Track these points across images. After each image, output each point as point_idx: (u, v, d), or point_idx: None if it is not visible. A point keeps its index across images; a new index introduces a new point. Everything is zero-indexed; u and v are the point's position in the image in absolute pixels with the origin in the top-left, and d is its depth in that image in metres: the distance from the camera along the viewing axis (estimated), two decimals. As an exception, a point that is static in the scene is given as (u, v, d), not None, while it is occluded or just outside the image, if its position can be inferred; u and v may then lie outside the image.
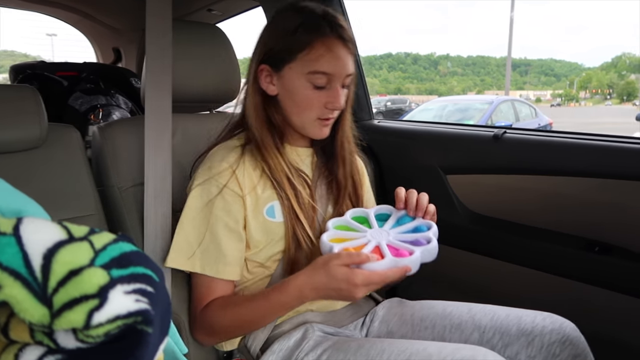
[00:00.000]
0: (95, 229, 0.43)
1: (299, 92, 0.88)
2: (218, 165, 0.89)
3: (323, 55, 0.85)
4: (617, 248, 1.12)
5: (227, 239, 0.87)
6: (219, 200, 0.87)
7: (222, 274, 0.87)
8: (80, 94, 1.69)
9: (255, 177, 0.90)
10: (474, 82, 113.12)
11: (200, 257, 0.87)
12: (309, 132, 0.93)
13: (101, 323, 0.37)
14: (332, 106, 0.89)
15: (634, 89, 57.75)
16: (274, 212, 0.90)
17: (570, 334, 0.83)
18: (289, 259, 0.90)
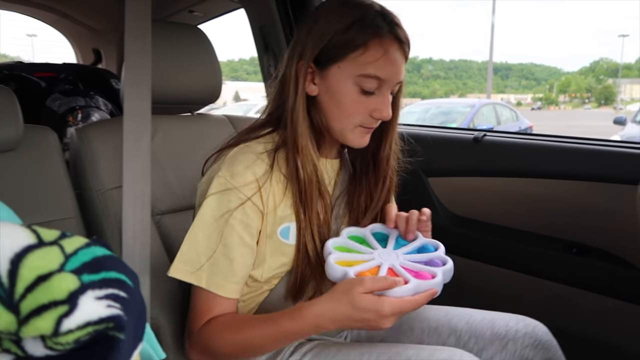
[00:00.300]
0: (67, 233, 0.42)
1: (344, 95, 0.79)
2: (242, 175, 0.79)
3: (378, 59, 0.76)
4: (594, 249, 1.14)
5: (240, 255, 0.79)
6: (239, 212, 0.78)
7: (228, 292, 0.79)
8: (58, 95, 1.66)
9: (278, 195, 0.82)
10: (456, 85, 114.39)
11: (208, 271, 0.78)
12: (347, 139, 0.83)
13: (71, 330, 0.36)
14: (379, 115, 0.80)
15: (611, 93, 59.01)
16: (288, 233, 0.83)
17: (542, 338, 0.84)
18: (296, 277, 0.84)
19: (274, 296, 0.87)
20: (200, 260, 0.79)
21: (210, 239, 0.79)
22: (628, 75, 74.41)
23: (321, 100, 0.81)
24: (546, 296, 1.21)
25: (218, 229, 0.79)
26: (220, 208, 0.79)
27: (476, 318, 0.89)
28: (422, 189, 1.42)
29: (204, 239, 0.79)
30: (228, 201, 0.79)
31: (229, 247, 0.78)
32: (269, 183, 0.81)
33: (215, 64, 1.16)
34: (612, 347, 1.14)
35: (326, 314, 0.71)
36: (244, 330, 0.77)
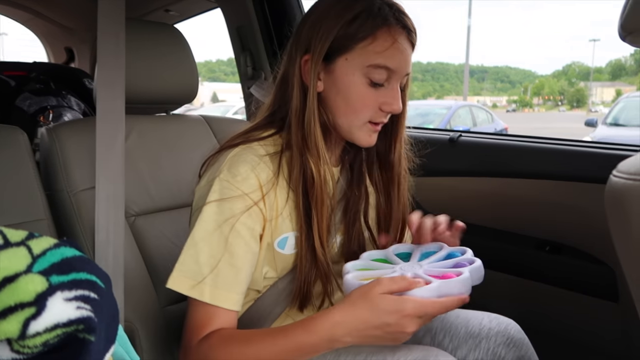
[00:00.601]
0: (35, 234, 0.41)
1: (352, 88, 0.75)
2: (247, 179, 0.74)
3: (388, 48, 0.73)
4: (566, 247, 1.17)
5: (247, 263, 0.74)
6: (245, 217, 0.73)
7: (233, 305, 0.73)
8: (28, 94, 1.62)
9: (281, 203, 0.78)
10: (433, 87, 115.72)
11: (210, 283, 0.71)
12: (354, 137, 0.79)
13: (38, 332, 0.35)
14: (390, 108, 0.76)
15: (582, 95, 60.56)
16: (285, 244, 0.79)
17: (515, 336, 0.85)
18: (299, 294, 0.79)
19: (261, 304, 0.84)
20: (202, 271, 0.72)
21: (214, 248, 0.73)
22: (599, 79, 76.50)
23: (327, 97, 0.78)
24: (520, 293, 1.24)
25: (222, 236, 0.73)
26: (223, 213, 0.73)
27: (450, 317, 0.90)
28: (399, 189, 1.43)
29: (206, 248, 0.73)
30: (232, 205, 0.73)
31: (234, 255, 0.72)
32: (272, 191, 0.77)
33: (192, 64, 1.15)
34: (584, 342, 1.16)
35: (344, 321, 0.65)
36: (251, 345, 0.70)
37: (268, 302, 0.83)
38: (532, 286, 1.21)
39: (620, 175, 0.53)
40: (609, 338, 1.12)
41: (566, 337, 1.18)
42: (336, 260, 0.85)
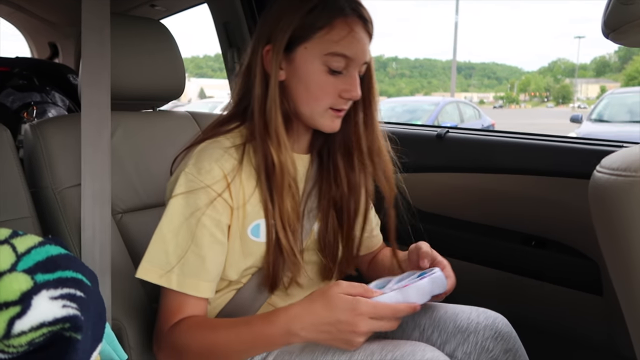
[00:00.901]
0: (19, 232, 0.40)
1: (312, 76, 0.79)
2: (210, 171, 0.78)
3: (344, 37, 0.77)
4: (551, 242, 1.18)
5: (213, 253, 0.78)
6: (210, 209, 0.77)
7: (201, 292, 0.77)
8: (11, 90, 1.59)
9: (248, 190, 0.81)
10: (421, 84, 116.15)
11: (178, 272, 0.76)
12: (318, 123, 0.82)
13: (24, 331, 0.35)
14: (349, 95, 0.80)
15: (568, 92, 61.24)
16: (258, 231, 0.82)
17: (502, 329, 0.86)
18: (268, 279, 0.83)
19: (242, 295, 0.86)
20: (170, 261, 0.77)
21: (180, 239, 0.77)
22: (584, 75, 77.39)
23: (289, 85, 0.81)
24: (507, 288, 1.25)
25: (188, 228, 0.77)
26: (189, 206, 0.77)
27: (439, 312, 0.91)
28: (387, 185, 1.43)
29: (173, 239, 0.77)
30: (197, 198, 0.77)
31: (200, 246, 0.77)
32: (238, 178, 0.80)
33: (178, 60, 1.14)
34: (569, 335, 1.18)
35: (300, 315, 0.70)
36: (215, 332, 0.75)
37: (248, 293, 0.86)
38: (518, 280, 1.22)
39: (603, 170, 0.54)
40: (593, 330, 1.14)
41: (551, 329, 1.20)
42: (313, 247, 0.90)
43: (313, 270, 0.93)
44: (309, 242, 0.90)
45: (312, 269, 0.93)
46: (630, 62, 43.98)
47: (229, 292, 0.87)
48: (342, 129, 0.86)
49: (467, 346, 0.84)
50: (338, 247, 0.92)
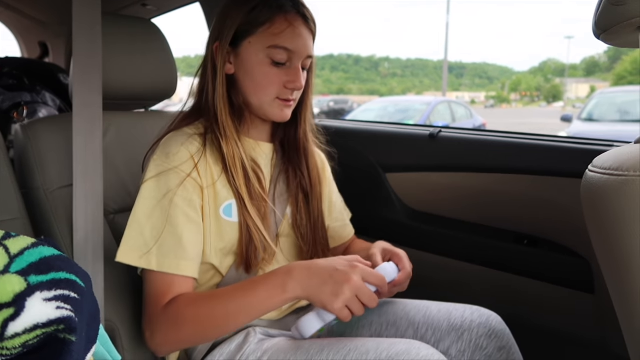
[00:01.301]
0: (12, 233, 0.40)
1: (257, 68, 0.85)
2: (177, 153, 0.83)
3: (284, 31, 0.83)
4: (543, 241, 1.19)
5: (188, 231, 0.80)
6: (181, 190, 0.81)
7: (183, 270, 0.80)
8: (1, 90, 1.57)
9: (216, 172, 0.86)
10: (413, 83, 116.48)
11: (157, 253, 0.79)
12: (268, 113, 0.88)
13: (17, 333, 0.35)
14: (293, 85, 0.86)
15: (558, 91, 61.70)
16: (230, 211, 0.86)
17: (496, 327, 0.87)
18: (242, 259, 0.86)
19: (228, 280, 0.88)
20: (147, 243, 0.80)
21: (155, 221, 0.80)
22: (574, 75, 78.00)
23: (238, 78, 0.87)
24: (500, 286, 1.26)
25: (162, 210, 0.80)
26: (160, 189, 0.81)
27: (433, 310, 0.91)
28: (380, 185, 1.44)
29: (149, 222, 0.80)
30: (167, 181, 0.81)
31: (175, 225, 0.80)
32: (204, 159, 0.85)
33: (170, 59, 1.14)
34: (561, 333, 1.19)
35: (300, 263, 0.76)
36: (217, 300, 0.77)
37: (232, 281, 0.87)
38: (510, 279, 1.23)
39: (596, 170, 0.54)
40: (585, 328, 1.15)
41: (544, 327, 1.21)
42: (289, 232, 0.95)
43: (292, 257, 0.97)
44: (284, 226, 0.94)
45: (291, 254, 0.97)
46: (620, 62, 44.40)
47: (213, 281, 0.89)
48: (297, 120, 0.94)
49: (461, 344, 0.85)
50: (313, 231, 0.96)
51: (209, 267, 0.88)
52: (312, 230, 0.96)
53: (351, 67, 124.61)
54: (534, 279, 1.20)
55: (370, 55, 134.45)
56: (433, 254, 1.36)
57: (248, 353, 0.83)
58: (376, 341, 0.77)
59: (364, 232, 1.50)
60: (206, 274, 0.89)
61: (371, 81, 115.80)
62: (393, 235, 1.44)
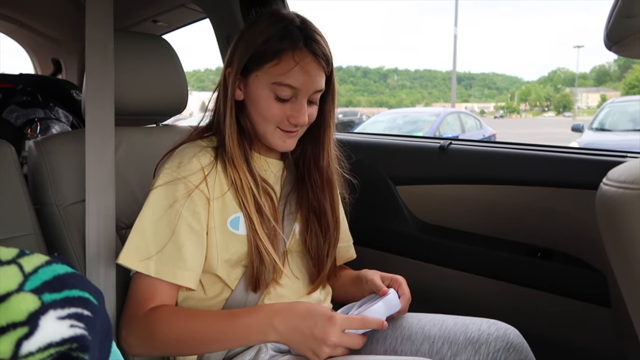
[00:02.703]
0: (26, 251, 0.40)
1: (261, 101, 0.86)
2: (189, 164, 0.85)
3: (291, 69, 0.83)
4: (557, 253, 1.18)
5: (189, 242, 0.82)
6: (187, 201, 0.83)
7: (179, 280, 0.81)
8: (15, 106, 1.60)
9: (225, 184, 0.87)
10: (422, 94, 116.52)
11: (156, 259, 0.81)
12: (271, 142, 0.90)
13: (31, 352, 0.35)
14: (295, 121, 0.86)
15: (568, 101, 61.34)
16: (238, 224, 0.87)
17: (514, 340, 0.85)
18: (251, 276, 0.86)
19: (234, 298, 0.88)
20: (149, 249, 0.81)
21: (159, 229, 0.82)
22: (584, 85, 77.58)
23: (246, 105, 0.89)
24: (513, 300, 1.24)
25: (167, 218, 0.82)
26: (168, 198, 0.83)
27: (449, 324, 0.90)
28: (391, 197, 1.43)
29: (153, 229, 0.82)
30: (175, 190, 0.83)
31: (177, 235, 0.82)
32: (214, 171, 0.86)
33: (181, 75, 1.15)
34: (577, 348, 1.17)
35: (283, 311, 0.77)
36: (197, 320, 0.79)
37: (240, 296, 0.88)
38: (523, 292, 1.22)
39: (610, 183, 0.54)
40: (601, 342, 1.12)
41: (559, 342, 1.19)
42: (298, 249, 0.96)
43: (300, 273, 0.96)
44: (292, 243, 0.95)
45: (300, 271, 0.96)
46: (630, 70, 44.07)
47: (222, 296, 0.89)
48: (312, 143, 0.95)
49: (478, 357, 0.84)
50: (322, 249, 0.96)
51: (216, 280, 0.88)
52: (321, 249, 0.96)
53: (359, 79, 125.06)
54: (548, 292, 1.18)
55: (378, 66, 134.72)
56: (444, 267, 1.35)
57: None
58: (389, 358, 0.76)
59: (374, 245, 1.49)
60: (214, 286, 0.89)
61: (380, 93, 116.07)
62: (404, 248, 1.43)
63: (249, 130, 0.90)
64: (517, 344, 0.85)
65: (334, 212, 0.97)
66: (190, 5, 1.76)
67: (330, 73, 0.89)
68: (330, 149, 0.96)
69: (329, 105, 0.93)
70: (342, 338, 0.76)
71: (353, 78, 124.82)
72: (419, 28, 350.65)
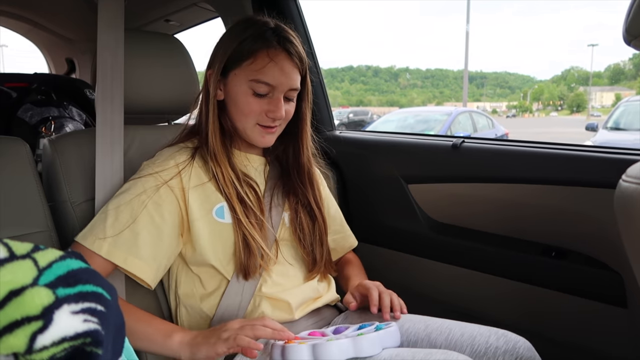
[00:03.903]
0: (40, 246, 0.40)
1: (240, 97, 0.91)
2: (163, 161, 0.91)
3: (265, 66, 0.89)
4: (572, 253, 1.16)
5: (147, 232, 0.86)
6: (153, 193, 0.87)
7: (129, 266, 0.85)
8: (30, 105, 1.62)
9: (205, 177, 0.92)
10: (433, 94, 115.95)
11: (111, 242, 0.84)
12: (251, 138, 0.95)
13: (45, 346, 0.35)
14: (273, 115, 0.91)
15: (582, 100, 60.63)
16: (223, 213, 0.91)
17: (524, 355, 0.83)
18: (240, 265, 0.89)
19: (231, 288, 0.91)
20: (106, 231, 0.85)
21: (121, 215, 0.86)
22: (598, 83, 76.59)
23: (226, 104, 0.94)
24: (526, 300, 1.23)
25: (130, 207, 0.86)
26: (137, 188, 0.88)
27: (455, 333, 0.88)
28: (403, 196, 1.42)
29: (114, 215, 0.86)
30: (145, 182, 0.88)
31: (136, 223, 0.85)
32: (190, 166, 0.91)
33: (193, 73, 1.15)
34: (591, 348, 1.15)
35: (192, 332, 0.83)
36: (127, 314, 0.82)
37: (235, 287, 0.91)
38: (537, 292, 1.20)
39: (630, 180, 0.52)
40: (616, 344, 1.11)
41: (572, 342, 1.17)
42: (287, 237, 0.99)
43: (295, 261, 1.00)
44: (283, 232, 0.98)
45: (294, 259, 1.00)
46: (646, 69, 43.39)
47: (221, 289, 0.92)
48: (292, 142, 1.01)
49: None
50: (312, 237, 1.00)
51: (213, 272, 0.92)
52: (312, 237, 1.00)
53: (370, 78, 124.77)
54: (562, 292, 1.17)
55: (389, 66, 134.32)
56: (457, 266, 1.34)
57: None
58: (411, 351, 0.75)
59: (385, 244, 1.49)
60: (212, 280, 0.92)
61: (391, 92, 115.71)
62: (415, 247, 1.42)
63: (229, 128, 0.95)
64: (528, 358, 0.82)
65: (317, 203, 1.02)
66: (202, 4, 1.77)
67: (304, 73, 0.95)
68: (309, 146, 1.02)
69: (305, 103, 0.99)
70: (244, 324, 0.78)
71: (364, 77, 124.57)
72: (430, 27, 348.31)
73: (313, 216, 1.01)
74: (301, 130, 1.00)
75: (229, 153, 0.94)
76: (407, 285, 1.40)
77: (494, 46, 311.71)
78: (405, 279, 1.44)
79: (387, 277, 1.14)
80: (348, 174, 1.54)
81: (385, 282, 1.00)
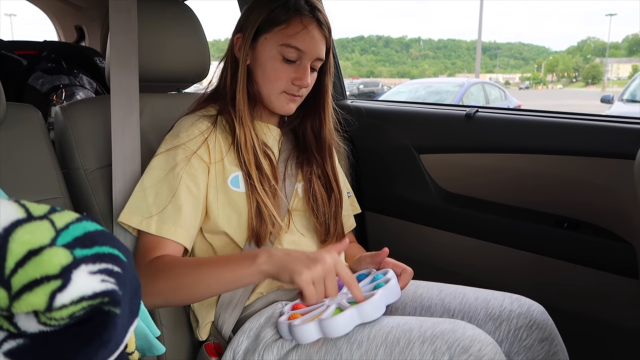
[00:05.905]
0: (57, 208, 0.40)
1: (269, 62, 0.92)
2: (187, 131, 0.91)
3: (298, 32, 0.90)
4: (584, 224, 1.15)
5: (188, 204, 0.87)
6: (188, 166, 0.88)
7: (177, 236, 0.86)
8: (41, 73, 1.62)
9: (225, 147, 0.93)
10: (445, 65, 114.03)
11: (157, 219, 0.86)
12: (274, 105, 0.95)
13: (65, 305, 0.35)
14: (299, 82, 0.92)
15: (598, 72, 59.29)
16: (238, 182, 0.92)
17: (538, 318, 0.84)
18: (253, 232, 0.90)
19: None
20: (150, 209, 0.86)
21: (160, 190, 0.87)
22: (615, 55, 74.69)
23: (252, 69, 0.94)
24: (538, 271, 1.23)
25: (167, 181, 0.88)
26: (168, 162, 0.89)
27: (470, 297, 0.89)
28: (414, 166, 1.42)
29: (154, 192, 0.87)
30: (175, 155, 0.89)
31: (177, 196, 0.87)
32: (213, 135, 0.92)
33: (203, 41, 1.14)
34: (603, 319, 1.16)
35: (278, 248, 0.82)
36: (191, 263, 0.82)
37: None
38: (550, 263, 1.20)
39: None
40: (629, 315, 1.11)
41: (584, 313, 1.18)
42: (300, 207, 1.00)
43: (307, 231, 1.00)
44: (296, 202, 0.99)
45: (306, 229, 1.00)
46: (665, 40, 42.16)
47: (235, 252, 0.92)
48: (312, 115, 1.01)
49: (498, 334, 0.83)
50: (326, 208, 1.00)
51: (227, 241, 0.93)
52: (325, 209, 1.00)
53: (381, 49, 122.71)
54: (574, 262, 1.17)
55: (401, 36, 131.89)
56: (469, 237, 1.34)
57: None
58: (419, 319, 0.76)
59: (396, 214, 1.49)
60: (226, 248, 0.93)
61: (402, 63, 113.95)
62: (427, 218, 1.42)
63: (254, 94, 0.95)
64: (541, 322, 0.83)
65: (336, 176, 1.03)
66: (212, -30, 1.73)
67: (329, 45, 0.96)
68: (329, 119, 1.02)
69: (327, 76, 0.99)
70: (334, 269, 0.73)
71: (375, 48, 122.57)
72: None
73: (329, 189, 1.01)
74: (324, 103, 1.00)
75: (252, 119, 0.95)
76: (417, 255, 1.40)
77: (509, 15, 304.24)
78: (416, 249, 1.45)
79: (398, 247, 1.15)
80: (359, 144, 1.54)
81: (396, 252, 1.00)
